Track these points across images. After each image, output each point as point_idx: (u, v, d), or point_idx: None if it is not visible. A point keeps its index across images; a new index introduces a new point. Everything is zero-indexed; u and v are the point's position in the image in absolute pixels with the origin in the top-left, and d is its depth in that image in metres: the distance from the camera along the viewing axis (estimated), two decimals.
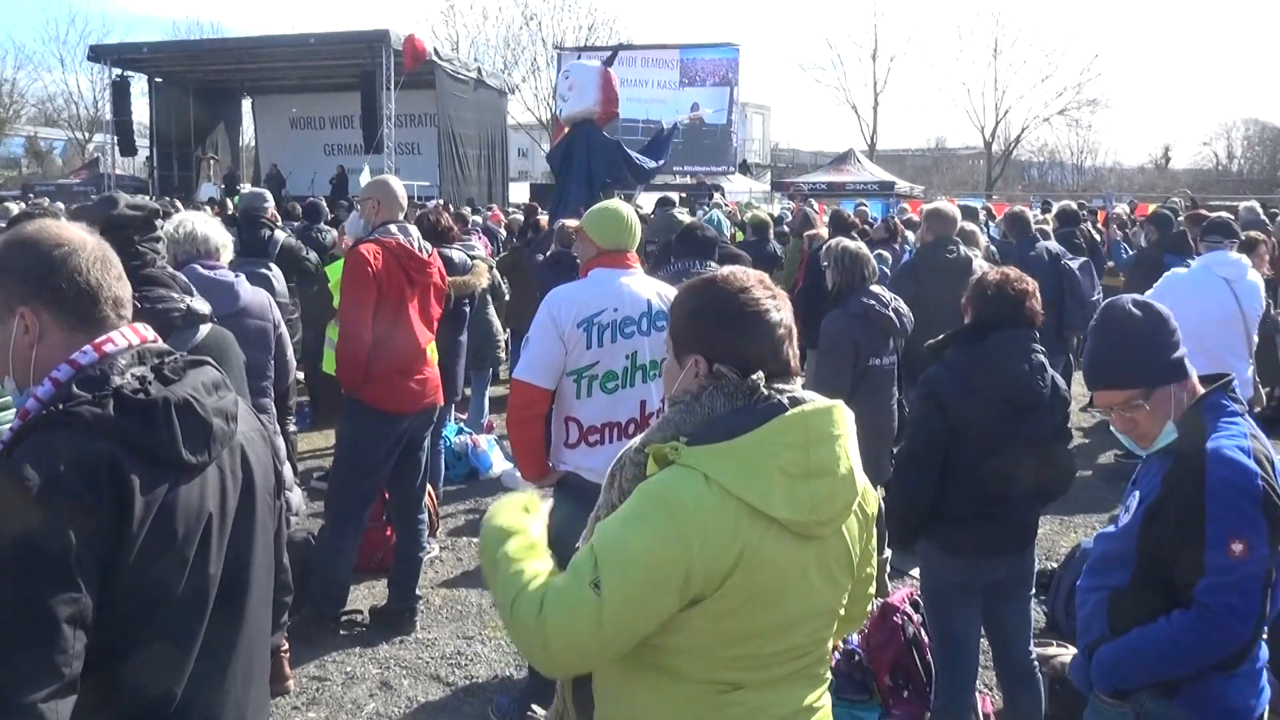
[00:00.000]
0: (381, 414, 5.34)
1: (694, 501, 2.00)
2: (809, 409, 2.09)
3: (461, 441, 8.59)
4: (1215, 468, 2.66)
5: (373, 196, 5.50)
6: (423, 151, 31.33)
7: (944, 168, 65.64)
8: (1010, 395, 3.87)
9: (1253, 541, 2.59)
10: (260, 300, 5.01)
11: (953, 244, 6.94)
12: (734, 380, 2.11)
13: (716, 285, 2.21)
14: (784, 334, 2.17)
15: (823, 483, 2.06)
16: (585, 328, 4.12)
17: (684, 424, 2.13)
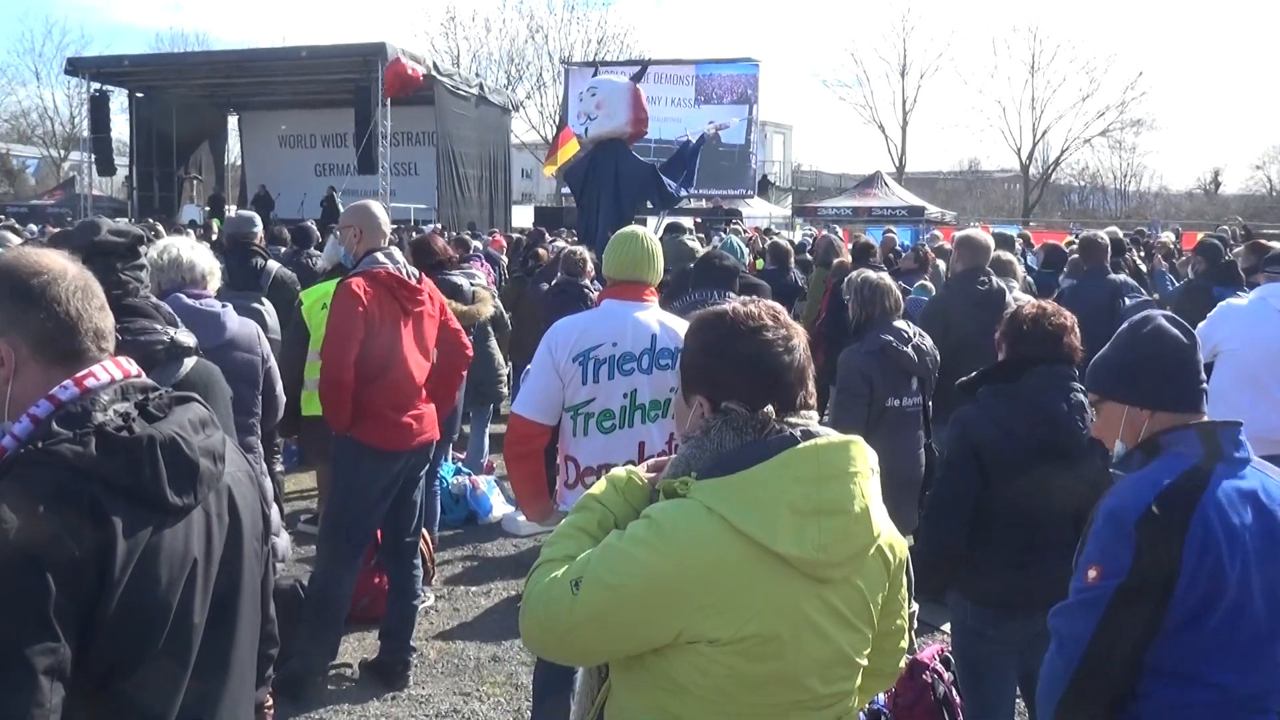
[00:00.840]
0: (376, 452, 5.35)
1: (693, 532, 2.05)
2: (822, 442, 2.13)
3: (459, 483, 8.60)
4: (1110, 496, 2.80)
5: (354, 224, 5.53)
6: (420, 172, 31.57)
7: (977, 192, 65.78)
8: (1047, 437, 3.87)
9: (1108, 567, 2.71)
10: (248, 332, 5.04)
11: (985, 274, 6.95)
12: (743, 414, 2.16)
13: (725, 321, 2.27)
14: (797, 371, 2.22)
15: (834, 521, 2.08)
16: (581, 362, 4.16)
17: (695, 460, 2.18)
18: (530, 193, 62.61)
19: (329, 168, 33.61)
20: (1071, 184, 65.02)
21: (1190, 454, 2.78)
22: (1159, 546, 2.66)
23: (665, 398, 4.18)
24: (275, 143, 35.27)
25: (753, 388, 2.18)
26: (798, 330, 2.28)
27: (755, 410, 2.16)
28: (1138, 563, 2.66)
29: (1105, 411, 2.99)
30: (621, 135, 13.79)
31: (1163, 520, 2.67)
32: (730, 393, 2.19)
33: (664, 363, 4.19)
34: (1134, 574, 2.67)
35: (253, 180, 34.32)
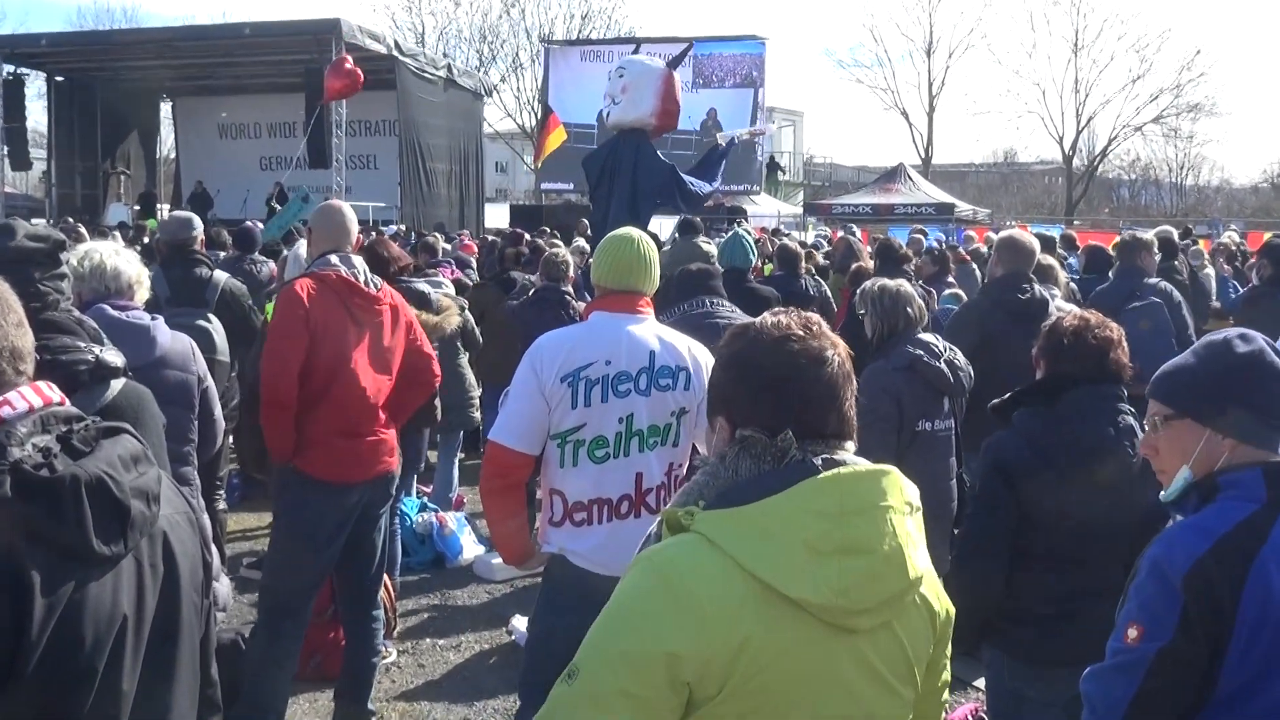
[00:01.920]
0: (324, 485, 5.32)
1: (695, 574, 2.05)
2: (847, 472, 2.13)
3: (425, 521, 8.59)
4: (1155, 544, 2.75)
5: (310, 224, 5.59)
6: (380, 166, 31.61)
7: (1014, 186, 65.97)
8: (1092, 466, 3.89)
9: (1150, 628, 2.66)
10: (181, 348, 5.04)
11: (1027, 282, 6.96)
12: (761, 440, 2.17)
13: (749, 334, 2.29)
14: (826, 390, 2.22)
15: (857, 561, 2.07)
16: (570, 383, 4.11)
17: (707, 488, 2.19)
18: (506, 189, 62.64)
19: (276, 161, 33.52)
20: (1121, 177, 65.19)
21: (1252, 498, 2.69)
22: (1210, 606, 2.60)
23: (666, 423, 4.18)
24: (214, 133, 35.29)
25: (774, 409, 2.19)
26: (835, 343, 2.27)
27: (775, 436, 2.16)
28: (1184, 624, 2.60)
29: (1176, 432, 2.84)
30: (645, 126, 13.77)
31: (1216, 575, 2.60)
32: (750, 415, 2.21)
33: (664, 383, 4.18)
34: (1179, 637, 2.61)
35: (189, 175, 34.30)
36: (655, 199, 13.35)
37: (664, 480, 4.20)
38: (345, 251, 5.46)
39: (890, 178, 37.46)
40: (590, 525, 4.16)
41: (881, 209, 33.81)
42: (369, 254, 6.69)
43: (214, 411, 5.25)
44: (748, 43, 39.46)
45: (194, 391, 5.06)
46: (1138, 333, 7.81)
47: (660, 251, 5.47)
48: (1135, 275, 8.93)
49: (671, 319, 5.77)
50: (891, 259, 10.45)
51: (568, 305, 8.57)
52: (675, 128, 14.52)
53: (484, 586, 8.06)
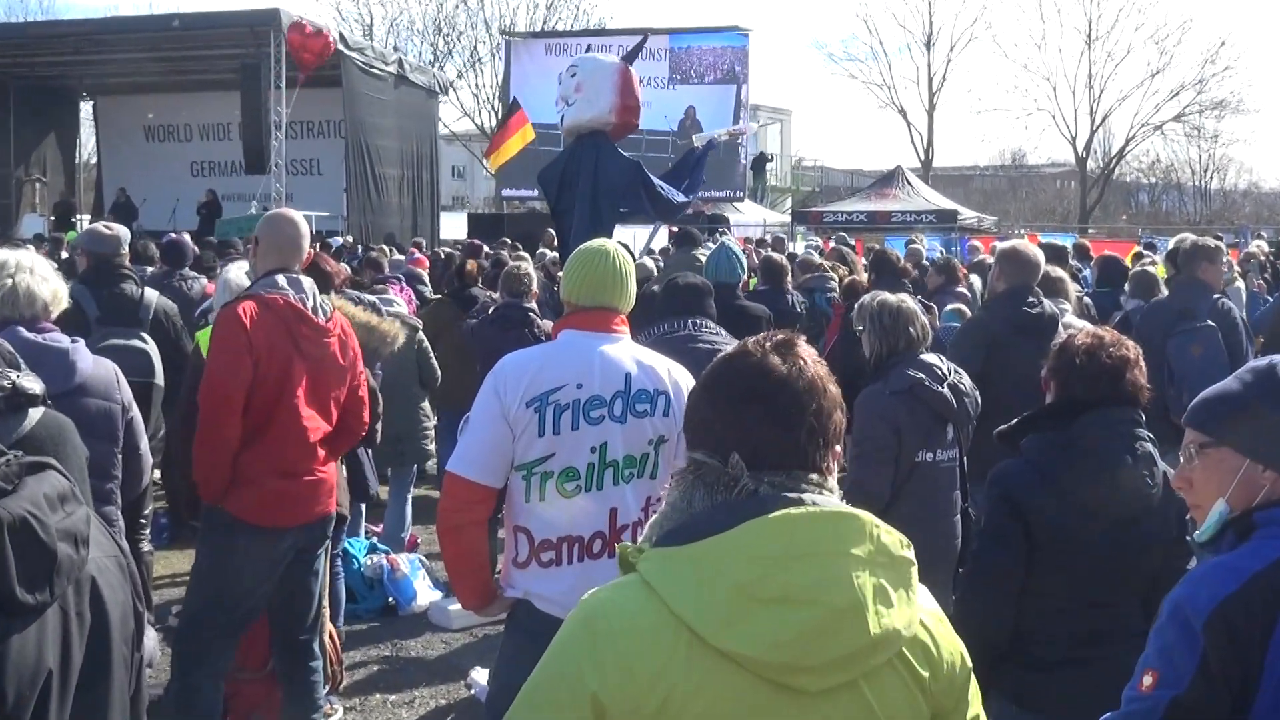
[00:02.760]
0: (254, 530, 5.30)
1: (621, 619, 2.08)
2: (799, 513, 2.11)
3: (375, 563, 8.58)
4: (1181, 585, 2.74)
5: (255, 235, 5.57)
6: (324, 171, 31.59)
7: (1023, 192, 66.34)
8: (1108, 498, 3.91)
9: (1165, 675, 2.65)
10: (104, 374, 5.02)
11: (1034, 296, 7.00)
12: (714, 468, 2.19)
13: (729, 360, 2.31)
14: (792, 409, 2.21)
15: (799, 613, 2.04)
16: (537, 408, 4.09)
17: (665, 521, 2.22)
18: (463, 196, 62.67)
19: (209, 166, 33.54)
20: (1139, 180, 65.60)
21: None
22: (1234, 652, 2.58)
23: (643, 452, 4.18)
24: (140, 135, 35.15)
25: (725, 430, 2.21)
26: (804, 359, 2.26)
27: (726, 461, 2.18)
28: (1202, 673, 2.59)
29: (1212, 461, 2.84)
30: (604, 126, 13.78)
31: (1242, 619, 2.59)
32: (706, 437, 2.23)
33: (641, 408, 4.17)
34: (1195, 687, 2.60)
35: (111, 182, 34.13)
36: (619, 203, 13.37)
37: (641, 516, 4.17)
38: (294, 271, 5.44)
39: (887, 182, 37.63)
40: (559, 566, 4.15)
41: (878, 216, 33.96)
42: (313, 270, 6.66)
43: (139, 445, 5.22)
44: (730, 34, 39.50)
45: (118, 422, 5.03)
46: (1187, 358, 7.75)
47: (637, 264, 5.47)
48: (1196, 291, 8.32)
49: (648, 341, 5.78)
50: (888, 271, 10.51)
51: (532, 323, 8.58)
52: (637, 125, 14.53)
53: (440, 636, 8.04)
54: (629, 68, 14.00)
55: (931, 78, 60.19)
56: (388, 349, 7.38)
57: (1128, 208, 64.99)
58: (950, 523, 5.70)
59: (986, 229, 35.41)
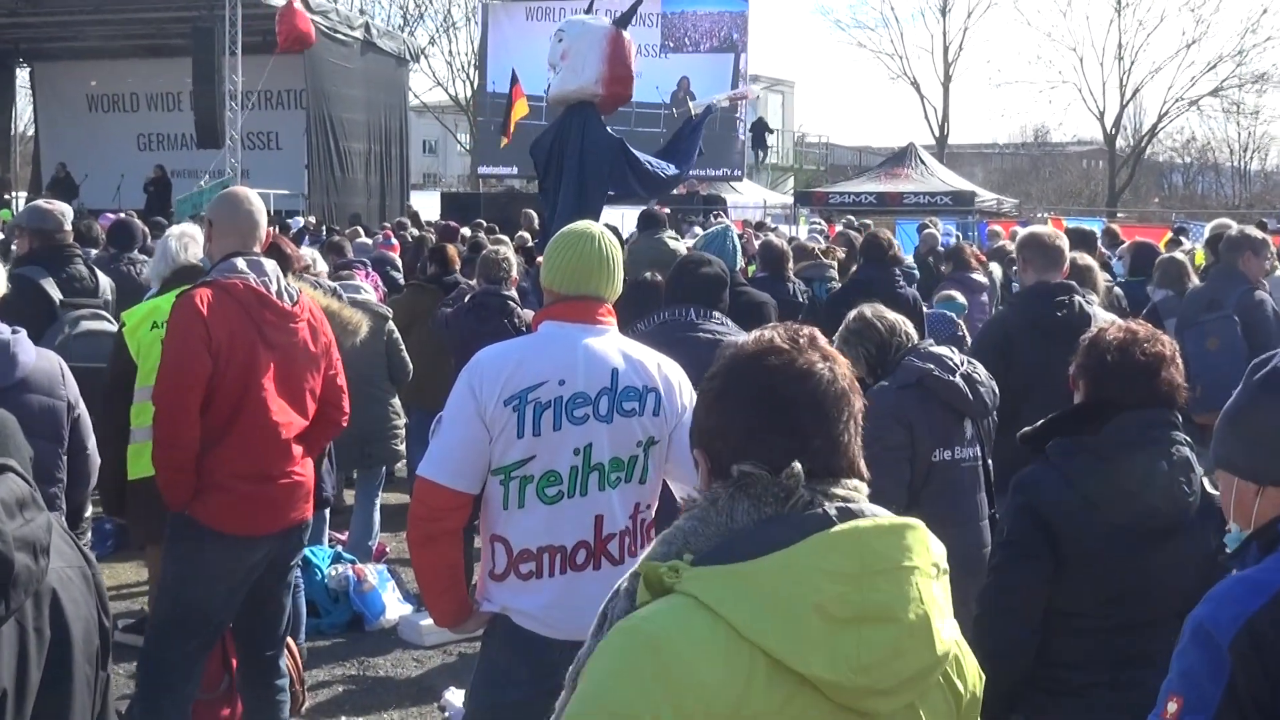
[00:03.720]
0: (225, 538, 5.30)
1: (689, 646, 2.04)
2: (867, 525, 2.12)
3: (340, 574, 8.57)
4: (1203, 603, 2.73)
5: (208, 217, 5.56)
6: (284, 145, 31.56)
7: (1046, 172, 66.35)
8: (1141, 507, 3.91)
9: (1190, 700, 2.65)
10: (48, 368, 5.01)
11: (1063, 290, 6.97)
12: (763, 479, 2.17)
13: (727, 354, 2.31)
14: (827, 412, 2.23)
15: (880, 632, 2.07)
16: (516, 407, 4.09)
17: (695, 537, 2.19)
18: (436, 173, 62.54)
19: (157, 140, 33.51)
20: (1173, 160, 65.64)
21: None
22: (1264, 673, 2.57)
23: (631, 455, 4.19)
24: (82, 105, 35.10)
25: (762, 440, 2.20)
26: (830, 356, 2.28)
27: (779, 472, 2.16)
28: (1230, 697, 2.57)
29: (1221, 480, 2.94)
30: (591, 98, 13.75)
31: (1271, 637, 2.58)
32: (735, 450, 2.21)
33: (629, 407, 4.17)
34: (1223, 712, 2.58)
35: (50, 156, 34.10)
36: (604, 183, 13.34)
37: (628, 524, 4.20)
38: (254, 253, 5.44)
39: (898, 161, 37.68)
40: (540, 579, 4.14)
41: (888, 198, 34.00)
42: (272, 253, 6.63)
43: (86, 444, 5.21)
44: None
45: (62, 420, 5.03)
46: (1202, 352, 7.78)
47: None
48: (1233, 282, 8.54)
49: (649, 328, 5.77)
50: (878, 258, 10.44)
51: (511, 313, 8.56)
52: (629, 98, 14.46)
53: (411, 653, 8.05)
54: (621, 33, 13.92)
55: (947, 47, 60.23)
56: (350, 339, 7.32)
57: (1160, 190, 65.08)
58: (976, 528, 5.64)
59: (1007, 212, 35.49)
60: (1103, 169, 61.78)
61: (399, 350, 9.28)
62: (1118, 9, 57.73)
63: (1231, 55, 56.31)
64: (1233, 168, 64.27)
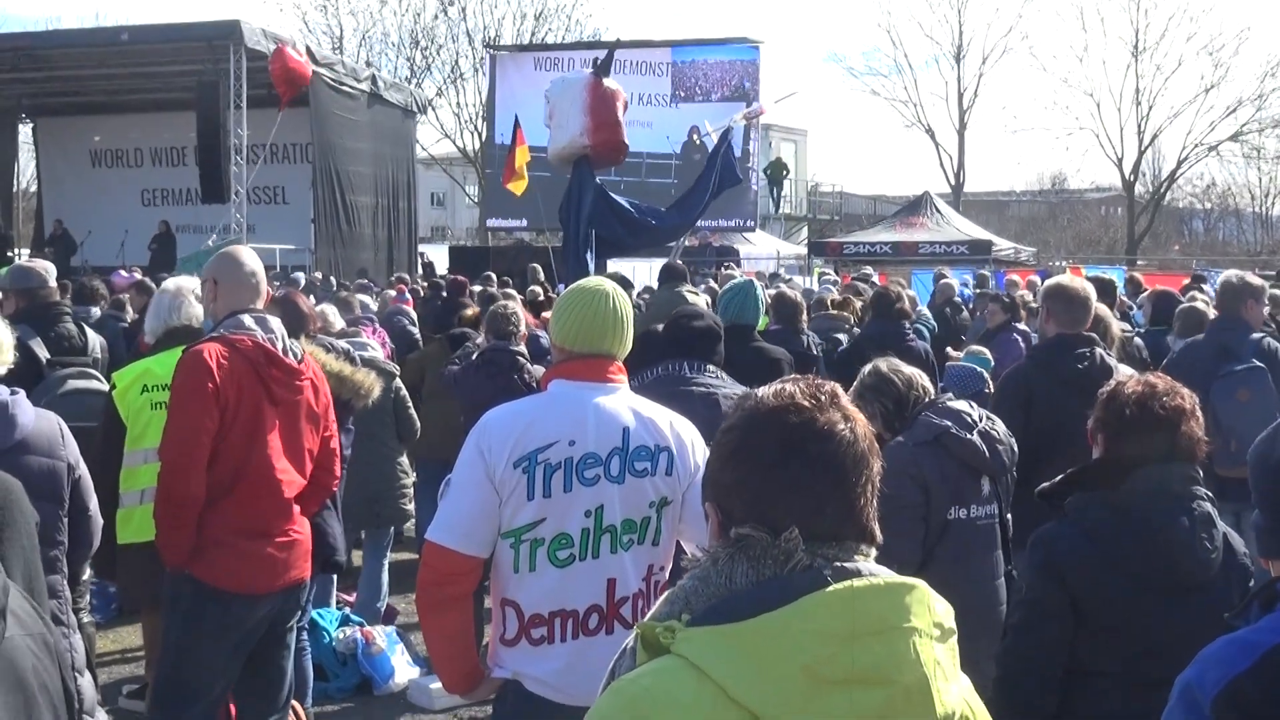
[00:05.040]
0: (226, 596, 5.32)
1: (670, 708, 2.05)
2: (862, 585, 2.12)
3: (348, 636, 8.55)
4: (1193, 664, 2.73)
5: (210, 277, 5.58)
6: (290, 199, 31.62)
7: (1065, 219, 66.40)
8: (1162, 564, 3.91)
9: None
10: (48, 429, 5.03)
11: (1085, 343, 6.95)
12: (762, 540, 2.17)
13: (745, 407, 2.32)
14: (841, 476, 2.23)
15: (872, 694, 2.06)
16: (525, 468, 4.08)
17: (695, 596, 2.20)
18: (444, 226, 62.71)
19: (162, 195, 33.58)
20: (1193, 206, 65.65)
21: None
22: None
23: (644, 516, 4.17)
24: (85, 160, 35.16)
25: (774, 499, 2.20)
26: (850, 416, 2.28)
27: (779, 535, 2.17)
28: None
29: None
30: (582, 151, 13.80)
31: (1255, 698, 2.57)
32: (746, 506, 2.22)
33: (641, 467, 4.16)
34: None
35: (53, 212, 34.02)
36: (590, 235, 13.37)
37: (641, 587, 4.19)
38: (260, 310, 5.47)
39: (914, 209, 37.73)
40: (551, 644, 4.13)
41: (903, 248, 34.02)
42: (289, 311, 6.66)
43: (88, 506, 5.21)
44: (738, 47, 39.70)
45: (63, 481, 5.03)
46: (1233, 404, 7.75)
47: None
48: (1237, 329, 8.55)
49: (643, 384, 5.75)
50: (887, 312, 10.43)
51: (522, 369, 8.57)
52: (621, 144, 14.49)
53: (421, 718, 8.03)
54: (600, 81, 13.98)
55: (962, 94, 60.41)
56: (361, 402, 7.36)
57: (1180, 236, 65.14)
58: (992, 587, 5.63)
59: (1025, 261, 35.49)
60: (1122, 216, 61.75)
61: (406, 408, 9.30)
62: (1135, 54, 57.86)
63: (1251, 99, 56.29)
64: (1254, 213, 64.21)
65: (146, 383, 6.11)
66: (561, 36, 52.82)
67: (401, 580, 9.69)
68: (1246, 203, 64.15)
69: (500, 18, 54.67)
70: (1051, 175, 70.18)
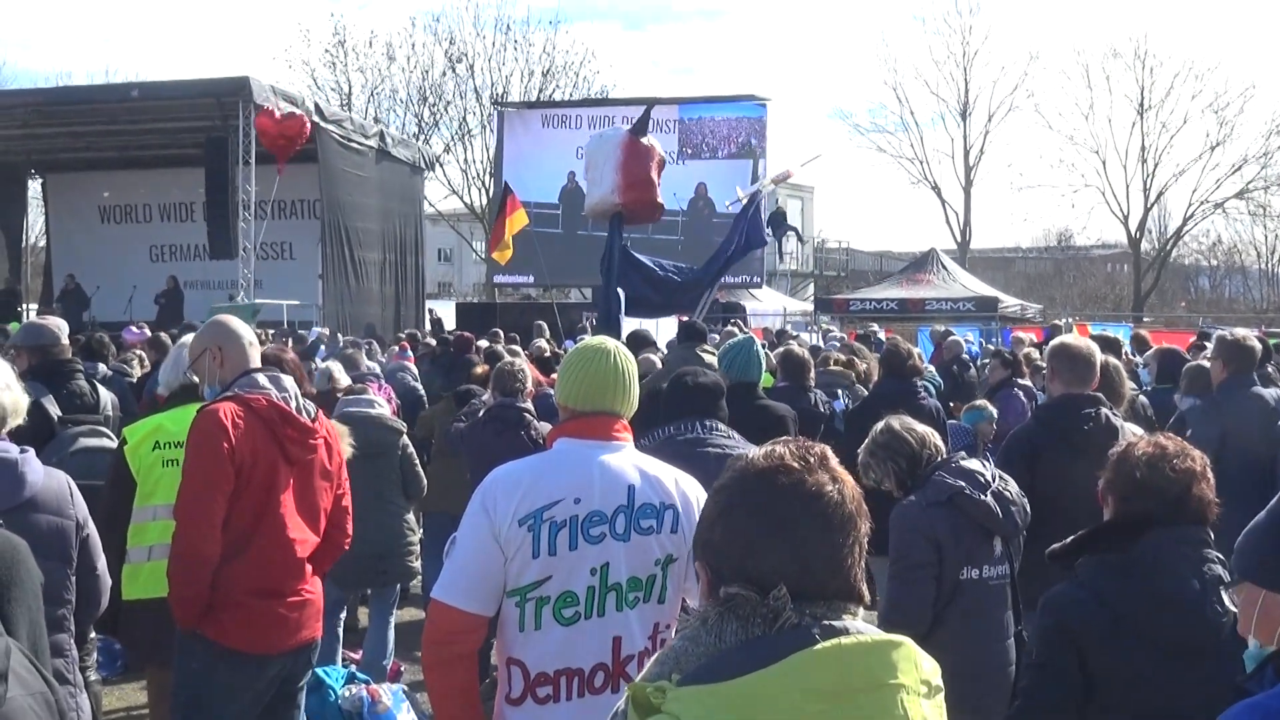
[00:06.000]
0: (237, 656, 5.30)
1: None
2: (849, 642, 2.14)
3: (354, 695, 8.50)
4: None
5: (211, 345, 5.62)
6: (298, 255, 31.71)
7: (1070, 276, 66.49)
8: (1173, 627, 3.90)
9: None
10: (56, 487, 5.02)
11: (1090, 403, 6.95)
12: (750, 599, 2.19)
13: (735, 468, 2.34)
14: (828, 537, 2.25)
15: None
16: (531, 526, 4.07)
17: (685, 656, 2.22)
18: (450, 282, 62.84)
19: (170, 250, 33.68)
20: (1199, 263, 65.74)
21: None
22: None
23: (649, 574, 4.16)
24: (94, 216, 35.27)
25: (762, 559, 2.22)
26: (839, 478, 2.30)
27: (767, 594, 2.18)
28: None
29: (1242, 598, 2.97)
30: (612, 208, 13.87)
31: None
32: (735, 566, 2.24)
33: (646, 524, 4.15)
34: None
35: (62, 267, 34.12)
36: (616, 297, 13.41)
37: (647, 645, 4.16)
38: (273, 369, 5.51)
39: (920, 266, 37.68)
40: (557, 702, 4.11)
41: (910, 304, 34.00)
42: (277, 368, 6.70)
43: (96, 565, 5.20)
44: (745, 104, 39.85)
45: (71, 540, 5.02)
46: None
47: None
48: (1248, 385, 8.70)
49: (652, 445, 5.75)
50: (899, 370, 10.40)
51: (529, 425, 8.58)
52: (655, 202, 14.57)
53: None
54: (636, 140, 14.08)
55: (968, 151, 60.55)
56: None
57: (1186, 294, 65.20)
58: (1002, 648, 5.64)
59: (1031, 318, 35.49)
60: (1128, 273, 61.88)
61: (413, 465, 9.30)
62: (1140, 111, 58.02)
63: (1257, 157, 56.40)
64: (1260, 270, 64.27)
65: (159, 439, 6.12)
66: (569, 93, 53.07)
67: (407, 637, 9.66)
68: (1252, 260, 64.27)
69: (508, 75, 54.89)
70: (1057, 232, 70.41)
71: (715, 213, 36.58)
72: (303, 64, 53.50)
